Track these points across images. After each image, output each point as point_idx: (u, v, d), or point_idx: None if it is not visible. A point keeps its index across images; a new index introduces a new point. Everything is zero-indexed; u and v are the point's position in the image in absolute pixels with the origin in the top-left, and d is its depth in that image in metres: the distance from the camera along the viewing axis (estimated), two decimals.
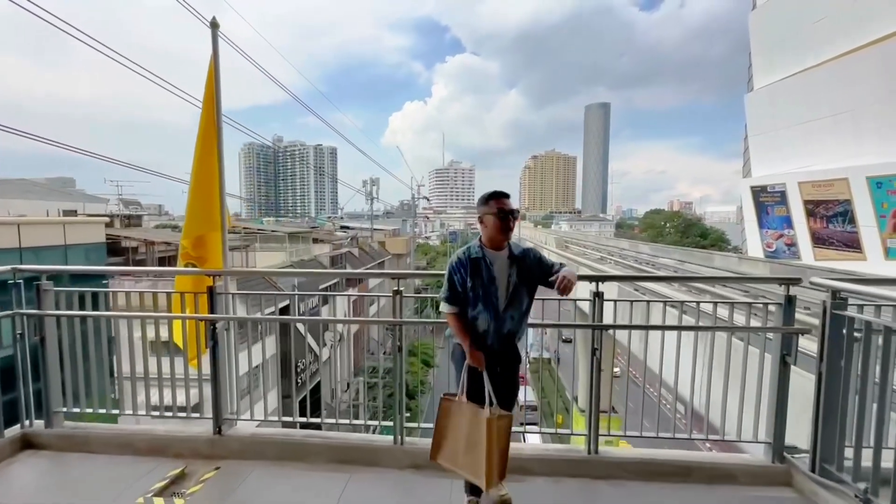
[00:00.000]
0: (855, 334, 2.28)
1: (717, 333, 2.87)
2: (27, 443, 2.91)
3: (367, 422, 3.05)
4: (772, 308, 2.61)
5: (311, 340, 17.29)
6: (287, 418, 3.00)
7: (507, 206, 2.21)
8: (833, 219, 18.66)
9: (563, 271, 2.18)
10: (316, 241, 29.28)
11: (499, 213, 2.20)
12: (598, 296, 2.63)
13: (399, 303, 2.75)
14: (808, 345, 2.71)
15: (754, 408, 2.65)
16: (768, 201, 22.05)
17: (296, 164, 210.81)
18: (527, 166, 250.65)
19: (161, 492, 2.44)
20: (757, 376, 2.64)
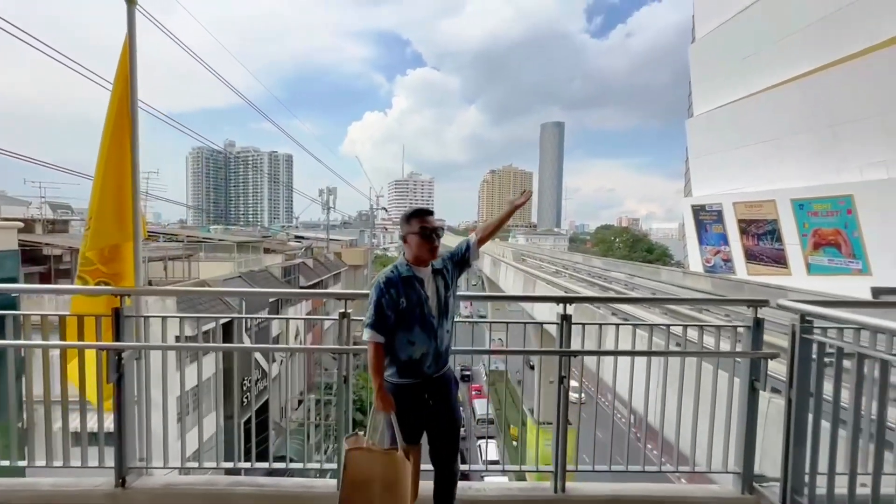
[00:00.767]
0: (824, 358, 2.21)
1: (675, 357, 2.76)
2: None
3: (306, 465, 2.63)
4: (741, 331, 2.52)
5: (260, 356, 16.24)
6: (209, 464, 2.55)
7: (430, 224, 2.12)
8: (763, 237, 20.15)
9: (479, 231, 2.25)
10: (268, 251, 27.93)
11: (422, 232, 2.10)
12: (566, 319, 2.43)
13: (347, 327, 2.42)
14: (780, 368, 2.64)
15: (724, 435, 2.53)
16: (707, 219, 23.56)
17: (249, 170, 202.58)
18: (485, 180, 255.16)
19: None
20: (726, 402, 2.53)
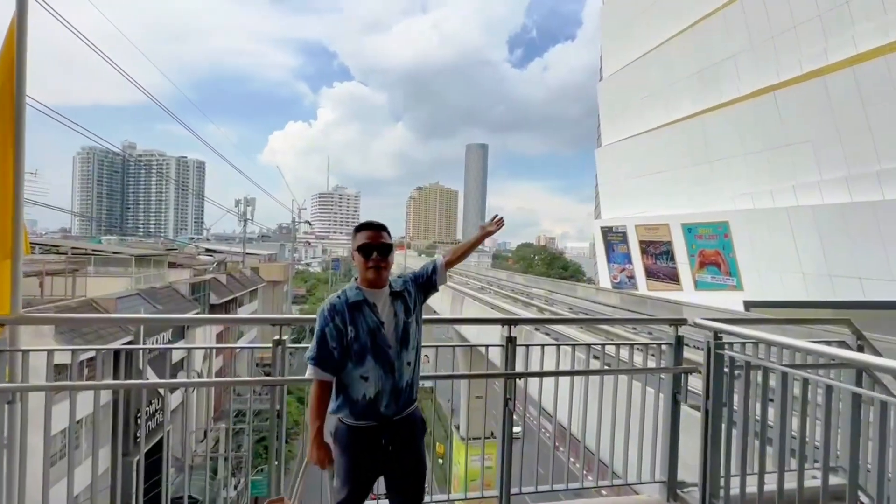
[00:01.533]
0: (734, 371, 2.48)
1: (609, 375, 2.93)
2: None
3: None
4: (664, 348, 2.75)
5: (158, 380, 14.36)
6: None
7: (374, 240, 1.87)
8: (659, 256, 22.69)
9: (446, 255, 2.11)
10: (173, 265, 25.20)
11: (362, 249, 1.86)
12: (510, 341, 2.46)
13: (282, 355, 2.21)
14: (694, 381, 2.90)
15: (651, 447, 2.71)
16: (614, 240, 25.99)
17: (152, 176, 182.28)
18: (412, 197, 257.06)
19: None
20: (652, 416, 2.72)
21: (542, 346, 2.67)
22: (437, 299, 23.94)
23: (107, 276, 19.34)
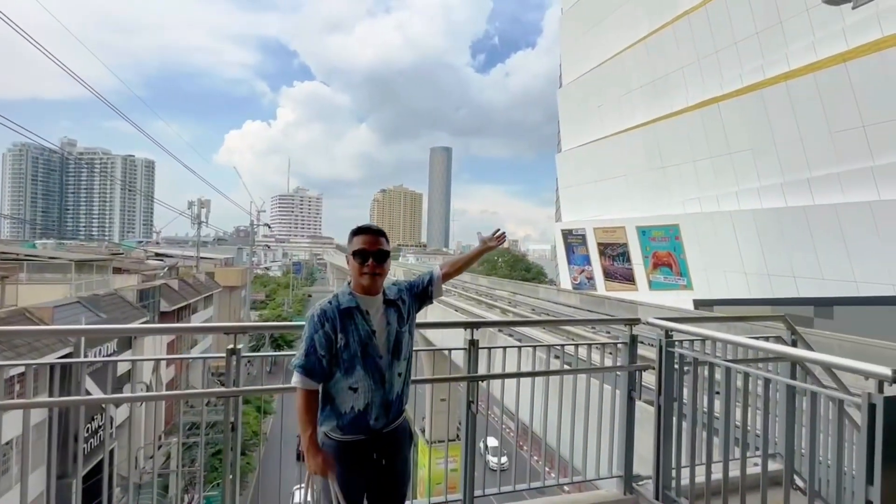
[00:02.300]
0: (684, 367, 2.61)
1: (569, 375, 3.01)
2: None
3: None
4: (620, 346, 2.86)
5: (100, 394, 13.38)
6: None
7: (369, 245, 1.80)
8: (616, 258, 23.62)
9: (444, 266, 2.05)
10: (119, 270, 23.66)
11: (355, 254, 1.80)
12: (473, 344, 2.48)
13: (237, 365, 2.12)
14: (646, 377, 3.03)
15: (608, 443, 2.81)
16: (574, 242, 26.81)
17: (95, 176, 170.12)
18: (375, 199, 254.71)
19: None
20: (609, 413, 2.82)
21: (504, 348, 2.71)
22: None
23: (42, 284, 17.91)
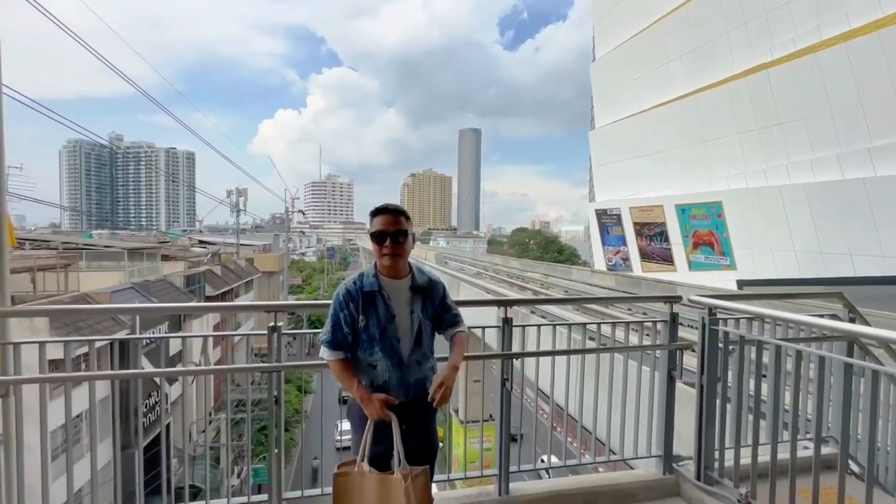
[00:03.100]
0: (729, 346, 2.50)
1: (606, 354, 2.95)
2: None
3: (229, 500, 2.32)
4: (659, 326, 2.76)
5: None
6: None
7: (387, 225, 1.77)
8: (654, 238, 22.78)
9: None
10: (166, 258, 25.03)
11: (373, 236, 1.79)
12: (506, 322, 2.46)
13: (277, 342, 2.20)
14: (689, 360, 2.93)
15: (647, 423, 2.75)
16: (608, 222, 26.03)
17: (141, 168, 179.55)
18: (405, 184, 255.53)
19: None
20: (648, 393, 2.75)
21: (539, 325, 2.68)
22: None
23: (99, 271, 19.19)
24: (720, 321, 2.54)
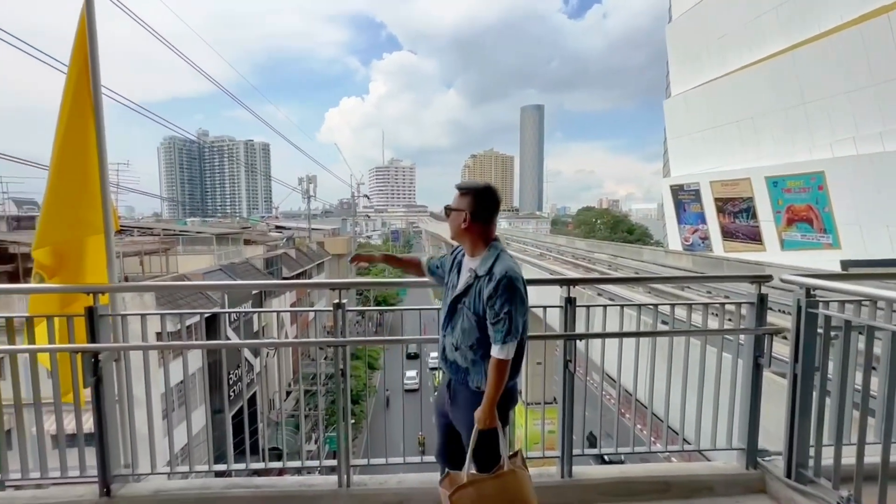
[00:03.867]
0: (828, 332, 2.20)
1: (682, 338, 2.72)
2: None
3: (304, 462, 2.52)
4: (743, 309, 2.50)
5: (246, 350, 15.96)
6: (201, 467, 2.42)
7: (453, 203, 1.85)
8: (738, 214, 20.62)
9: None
10: (248, 242, 27.30)
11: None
12: (570, 301, 2.36)
13: (342, 318, 2.29)
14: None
15: (728, 414, 2.53)
16: (685, 199, 23.95)
17: (224, 160, 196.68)
18: (466, 165, 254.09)
19: None
20: (730, 381, 2.52)
21: (605, 306, 2.53)
22: None
23: (193, 254, 21.38)
24: (819, 304, 2.23)
